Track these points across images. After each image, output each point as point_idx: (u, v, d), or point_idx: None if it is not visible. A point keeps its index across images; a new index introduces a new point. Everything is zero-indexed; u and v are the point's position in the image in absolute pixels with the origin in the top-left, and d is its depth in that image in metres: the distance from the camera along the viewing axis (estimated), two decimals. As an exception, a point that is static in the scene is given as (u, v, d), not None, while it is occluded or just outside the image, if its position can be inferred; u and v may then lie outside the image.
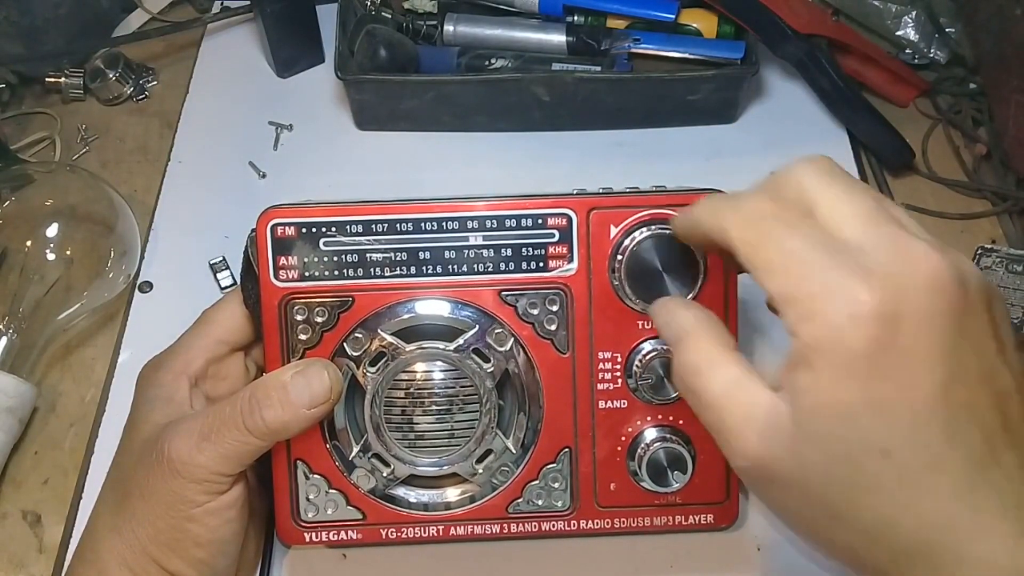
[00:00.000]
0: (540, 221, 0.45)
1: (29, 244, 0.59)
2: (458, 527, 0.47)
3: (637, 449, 0.46)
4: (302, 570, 0.50)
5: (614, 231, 0.45)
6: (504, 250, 0.45)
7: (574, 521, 0.47)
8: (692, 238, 0.38)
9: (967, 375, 0.29)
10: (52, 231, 0.59)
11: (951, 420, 0.29)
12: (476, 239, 0.45)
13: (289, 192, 0.63)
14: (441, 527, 0.47)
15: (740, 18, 0.65)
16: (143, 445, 0.43)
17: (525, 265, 0.45)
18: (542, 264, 0.45)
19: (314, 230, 0.45)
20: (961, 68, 0.71)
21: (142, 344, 0.57)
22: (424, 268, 0.45)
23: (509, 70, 0.66)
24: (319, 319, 0.45)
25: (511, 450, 0.46)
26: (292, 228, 0.45)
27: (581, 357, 0.46)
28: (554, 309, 0.45)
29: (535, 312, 0.45)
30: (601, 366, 0.46)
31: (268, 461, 0.46)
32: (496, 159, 0.68)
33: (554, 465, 0.46)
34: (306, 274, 0.45)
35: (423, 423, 0.44)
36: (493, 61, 0.67)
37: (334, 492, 0.46)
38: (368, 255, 0.45)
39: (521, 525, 0.47)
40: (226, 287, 0.60)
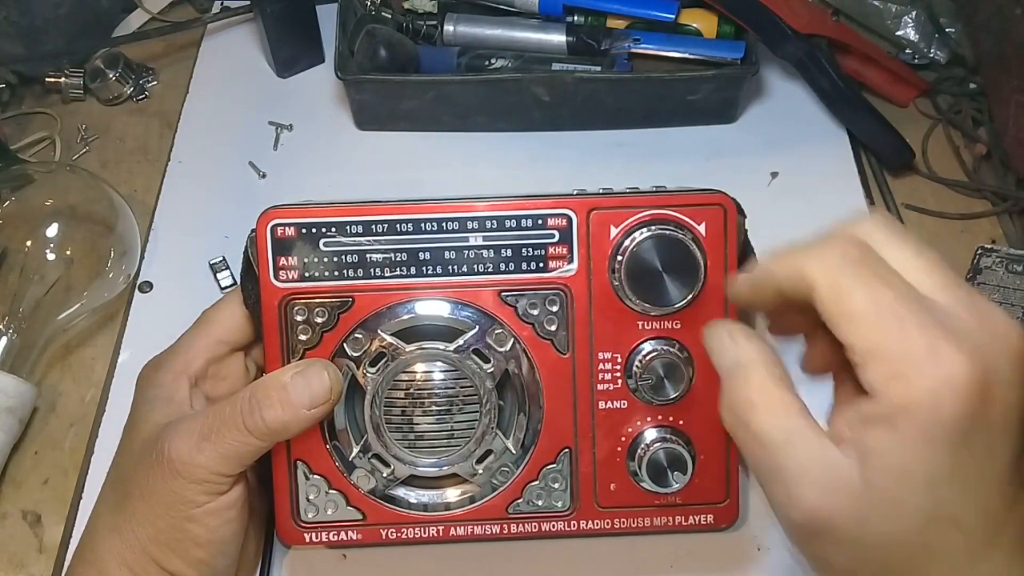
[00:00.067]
0: (540, 221, 0.45)
1: (29, 244, 0.59)
2: (458, 527, 0.47)
3: (637, 449, 0.46)
4: (302, 570, 0.50)
5: (614, 231, 0.45)
6: (504, 250, 0.45)
7: (574, 521, 0.47)
8: (759, 295, 0.35)
9: None
10: (52, 231, 0.59)
11: (1014, 491, 0.30)
12: (476, 239, 0.45)
13: (289, 192, 0.63)
14: (441, 527, 0.47)
15: (740, 18, 0.65)
16: (143, 445, 0.43)
17: (525, 265, 0.45)
18: (542, 264, 0.45)
19: (314, 230, 0.45)
20: (961, 68, 0.71)
21: (142, 344, 0.57)
22: (424, 268, 0.45)
23: (509, 70, 0.66)
24: (319, 319, 0.45)
25: (511, 450, 0.46)
26: (292, 228, 0.45)
27: (581, 357, 0.46)
28: (554, 309, 0.45)
29: (535, 312, 0.45)
30: (601, 366, 0.46)
31: (268, 461, 0.46)
32: (496, 159, 0.68)
33: (554, 465, 0.46)
34: (306, 274, 0.45)
35: (423, 423, 0.44)
36: (493, 61, 0.67)
37: (334, 492, 0.46)
38: (368, 255, 0.45)
39: (521, 525, 0.47)
40: (226, 287, 0.60)
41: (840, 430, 0.31)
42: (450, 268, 0.45)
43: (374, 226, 0.45)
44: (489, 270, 0.45)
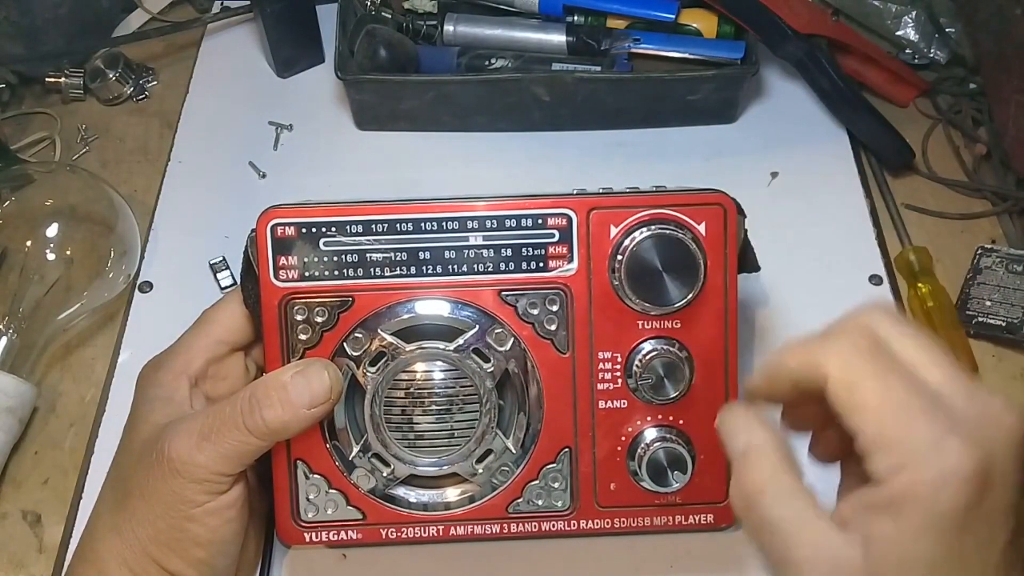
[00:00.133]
0: (540, 221, 0.45)
1: (29, 244, 0.59)
2: (458, 527, 0.47)
3: (637, 449, 0.46)
4: (302, 570, 0.50)
5: (614, 231, 0.45)
6: (504, 250, 0.45)
7: (574, 521, 0.47)
8: (776, 388, 0.36)
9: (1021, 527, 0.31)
10: (52, 231, 0.59)
11: (1009, 570, 0.30)
12: (476, 239, 0.45)
13: (289, 192, 0.63)
14: (441, 527, 0.47)
15: (740, 18, 0.65)
16: (143, 445, 0.43)
17: (525, 265, 0.45)
18: (542, 264, 0.45)
19: (314, 230, 0.45)
20: (961, 68, 0.71)
21: (142, 344, 0.57)
22: (424, 268, 0.45)
23: (509, 70, 0.66)
24: (319, 319, 0.45)
25: (511, 450, 0.46)
26: (292, 228, 0.45)
27: (581, 357, 0.46)
28: (554, 309, 0.45)
29: (535, 312, 0.45)
30: (601, 366, 0.46)
31: (268, 461, 0.46)
32: (496, 159, 0.68)
33: (554, 465, 0.46)
34: (306, 274, 0.45)
35: (423, 423, 0.44)
36: (493, 61, 0.67)
37: (334, 492, 0.46)
38: (368, 255, 0.45)
39: (521, 525, 0.47)
40: (226, 287, 0.60)
41: (845, 515, 0.32)
42: (450, 268, 0.45)
43: (374, 226, 0.45)
44: (489, 270, 0.45)
